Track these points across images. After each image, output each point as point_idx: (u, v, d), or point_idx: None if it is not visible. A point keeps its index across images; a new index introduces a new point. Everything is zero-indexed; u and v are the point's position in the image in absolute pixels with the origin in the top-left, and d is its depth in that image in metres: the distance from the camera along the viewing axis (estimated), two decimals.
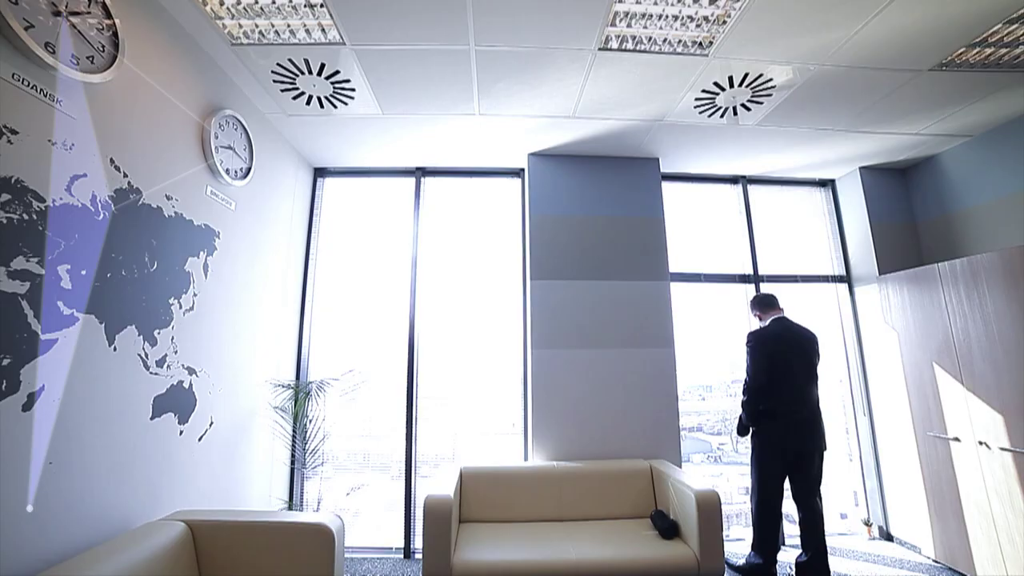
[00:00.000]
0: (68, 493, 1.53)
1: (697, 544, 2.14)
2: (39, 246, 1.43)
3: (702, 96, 2.64)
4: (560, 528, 2.48)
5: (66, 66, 1.49)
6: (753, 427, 2.59)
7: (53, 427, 1.47)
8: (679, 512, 2.38)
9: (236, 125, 2.42)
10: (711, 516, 2.15)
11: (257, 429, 2.66)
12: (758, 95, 2.61)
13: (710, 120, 2.89)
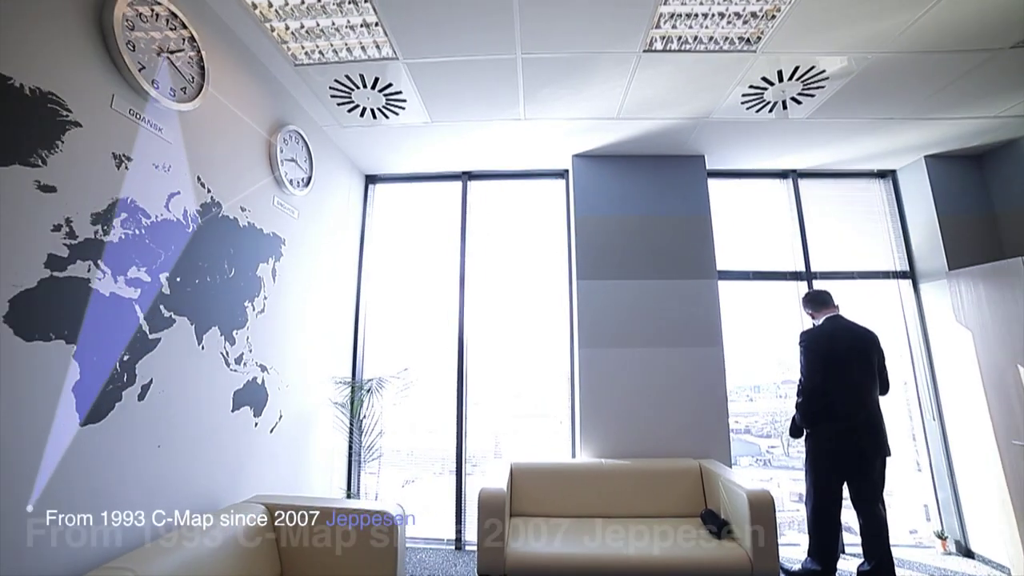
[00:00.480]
0: (172, 473, 1.73)
1: (750, 545, 2.12)
2: (146, 257, 1.63)
3: (749, 92, 2.59)
4: (609, 524, 2.51)
5: (166, 98, 1.68)
6: (808, 429, 2.51)
7: (160, 415, 1.67)
8: (730, 512, 2.36)
9: (298, 139, 2.61)
10: (764, 517, 2.12)
11: (319, 423, 2.85)
12: (809, 88, 2.54)
13: (758, 115, 2.83)
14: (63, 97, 1.37)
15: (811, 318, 2.69)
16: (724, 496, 2.44)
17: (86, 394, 1.42)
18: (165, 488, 1.70)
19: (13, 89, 1.26)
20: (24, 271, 1.27)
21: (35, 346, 1.28)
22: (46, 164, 1.32)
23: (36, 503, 1.28)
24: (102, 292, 1.48)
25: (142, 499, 1.60)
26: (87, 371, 1.42)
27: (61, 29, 1.40)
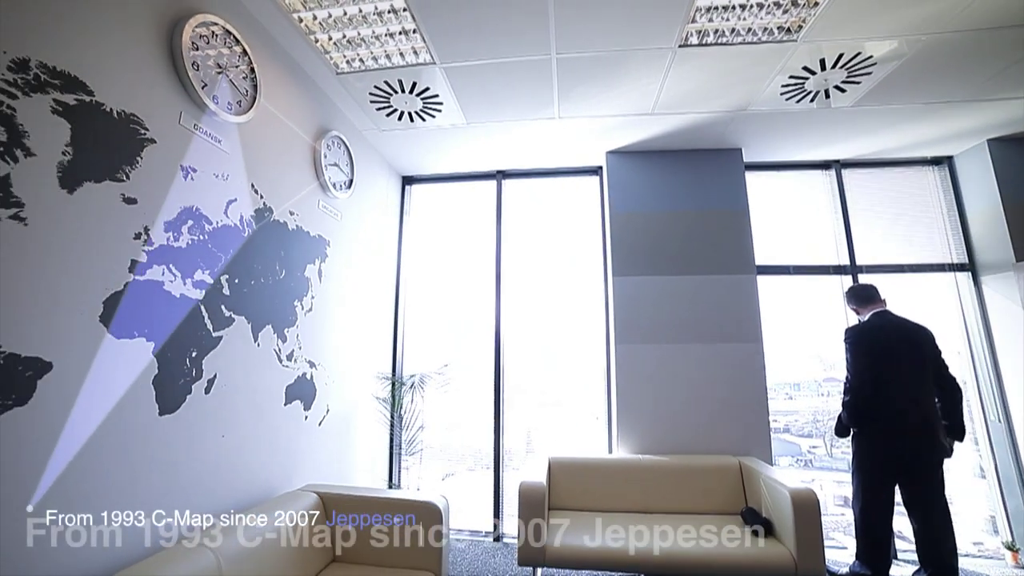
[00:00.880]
0: (235, 462, 1.86)
1: (794, 544, 2.08)
2: (209, 260, 1.75)
3: (789, 82, 2.52)
4: (647, 519, 2.52)
5: (224, 112, 1.80)
6: (855, 428, 2.43)
7: (224, 408, 1.80)
8: (772, 511, 2.32)
9: (340, 144, 2.72)
10: (808, 516, 2.07)
11: (362, 417, 2.97)
12: (854, 75, 2.45)
13: (798, 106, 2.74)
14: (141, 117, 1.50)
15: (856, 314, 2.60)
16: (766, 494, 2.40)
17: (163, 387, 1.55)
18: (229, 475, 1.83)
19: (104, 113, 1.39)
20: (114, 276, 1.40)
21: (123, 343, 1.42)
22: (129, 179, 1.45)
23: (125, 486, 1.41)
24: (174, 294, 1.61)
25: (210, 485, 1.73)
26: (164, 366, 1.55)
27: (141, 55, 1.52)
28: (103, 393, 1.36)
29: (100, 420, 1.35)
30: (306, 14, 2.09)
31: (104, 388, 1.37)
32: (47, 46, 1.27)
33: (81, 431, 1.30)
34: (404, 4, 2.01)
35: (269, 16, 2.06)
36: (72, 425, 1.28)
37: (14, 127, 1.18)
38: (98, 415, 1.35)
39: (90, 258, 1.34)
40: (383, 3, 2.03)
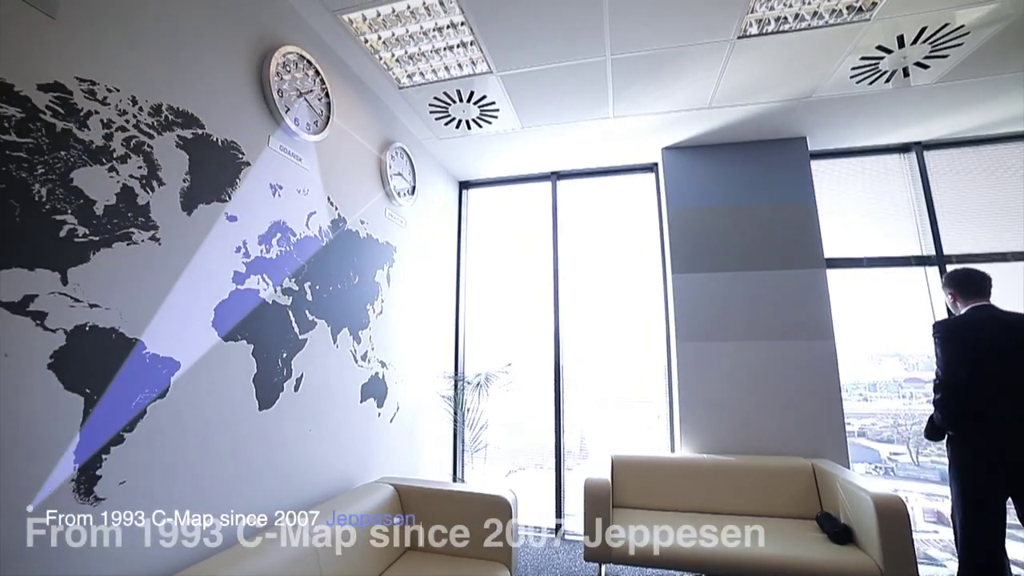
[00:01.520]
0: (319, 453, 2.01)
1: (879, 554, 1.96)
2: (295, 269, 1.91)
3: (860, 64, 2.38)
4: (714, 520, 2.47)
5: (304, 132, 1.96)
6: (951, 431, 2.20)
7: (310, 405, 1.96)
8: (851, 517, 2.21)
9: (402, 154, 2.86)
10: (895, 524, 1.96)
11: (428, 415, 3.10)
12: (940, 48, 2.27)
13: (871, 88, 2.58)
14: (239, 143, 1.67)
15: (951, 300, 2.31)
16: (843, 499, 2.29)
17: (261, 384, 1.72)
18: (316, 465, 1.99)
19: (212, 142, 1.56)
20: (221, 285, 1.57)
21: (230, 345, 1.58)
22: (231, 199, 1.62)
23: (239, 474, 1.58)
24: (267, 300, 1.77)
25: (301, 474, 1.89)
26: (261, 366, 1.72)
27: (237, 88, 1.69)
28: (218, 389, 1.54)
29: (216, 413, 1.52)
30: (371, 35, 2.23)
31: (218, 385, 1.54)
32: (172, 91, 1.45)
33: (203, 422, 1.48)
34: (463, 18, 2.09)
35: (339, 40, 2.21)
36: (195, 417, 1.45)
37: (152, 161, 1.36)
38: (215, 409, 1.52)
39: (204, 271, 1.51)
40: (443, 19, 2.13)
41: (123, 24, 1.33)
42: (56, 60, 1.16)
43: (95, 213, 1.23)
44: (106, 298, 1.24)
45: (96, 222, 1.23)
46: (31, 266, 1.09)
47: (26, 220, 1.09)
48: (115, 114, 1.29)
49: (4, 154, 1.06)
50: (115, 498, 1.24)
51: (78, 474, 1.16)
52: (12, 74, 1.08)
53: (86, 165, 1.22)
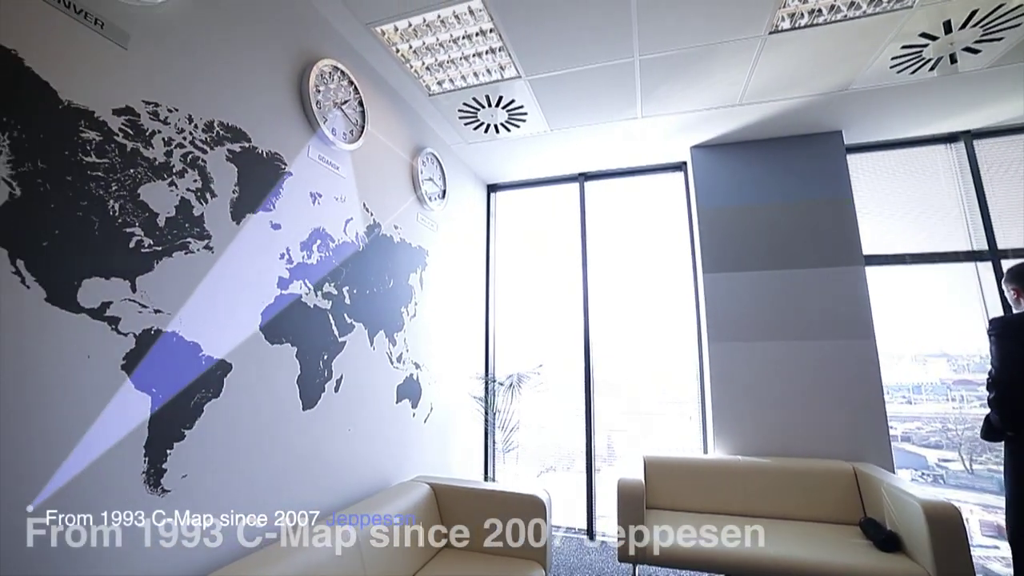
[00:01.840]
0: (358, 452, 2.09)
1: (931, 564, 1.88)
2: (334, 274, 1.99)
3: (901, 54, 2.30)
4: (750, 523, 2.42)
5: (341, 142, 2.03)
6: (1011, 432, 2.03)
7: (349, 405, 2.03)
8: (898, 524, 2.14)
9: (433, 159, 2.93)
10: (948, 533, 1.87)
11: (460, 416, 3.16)
12: (993, 31, 2.16)
13: (913, 77, 2.49)
14: (282, 154, 1.76)
15: (1014, 296, 2.17)
16: (889, 505, 2.21)
17: (304, 385, 1.80)
18: (355, 464, 2.06)
19: (257, 155, 1.65)
20: (267, 291, 1.65)
21: (276, 348, 1.67)
22: (275, 208, 1.70)
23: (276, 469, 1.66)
24: (308, 304, 1.85)
25: (341, 471, 1.97)
26: (304, 367, 1.80)
27: (280, 102, 1.78)
28: (265, 390, 1.62)
29: (264, 413, 1.61)
30: (403, 45, 2.29)
31: (266, 385, 1.62)
32: (222, 108, 1.54)
33: (252, 421, 1.56)
34: (492, 25, 2.13)
35: (372, 52, 2.29)
36: (245, 416, 1.54)
37: (206, 175, 1.45)
38: (263, 408, 1.61)
39: (251, 277, 1.60)
40: (472, 27, 2.17)
41: (183, 50, 1.43)
42: (126, 86, 1.26)
43: (158, 225, 1.32)
44: (168, 304, 1.33)
45: (159, 233, 1.32)
46: (107, 275, 1.19)
47: (103, 233, 1.19)
48: (174, 132, 1.39)
49: (86, 174, 1.15)
50: (179, 491, 1.33)
51: (148, 466, 1.25)
52: (92, 101, 1.18)
53: (150, 180, 1.31)
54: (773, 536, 2.24)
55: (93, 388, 1.14)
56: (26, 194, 1.05)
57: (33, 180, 1.06)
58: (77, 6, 1.16)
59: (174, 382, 1.34)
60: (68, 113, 1.13)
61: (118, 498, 1.18)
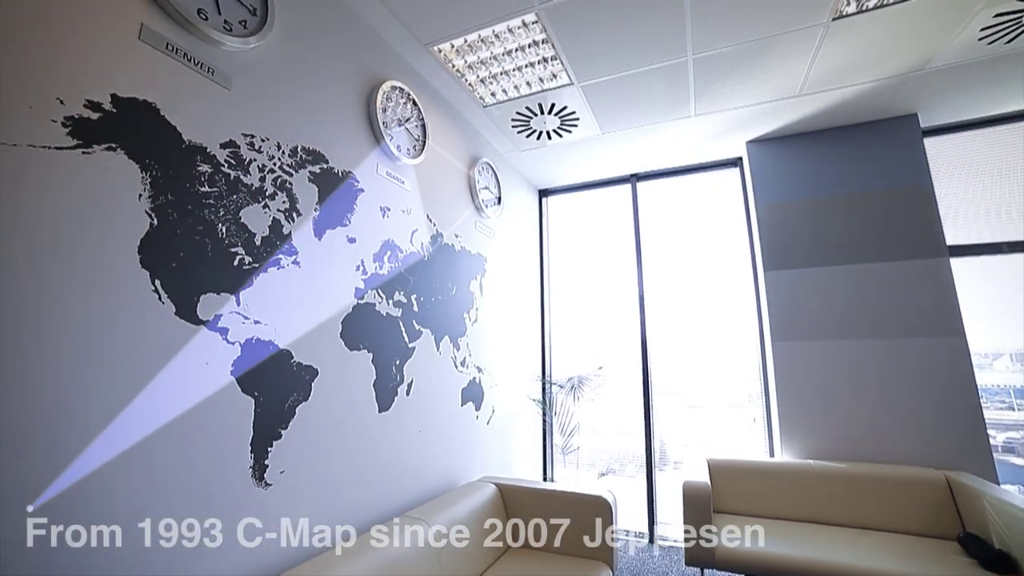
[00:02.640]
0: (428, 453, 2.18)
1: None
2: (403, 283, 2.10)
3: (993, 23, 2.12)
4: (826, 531, 2.32)
5: (405, 157, 2.15)
6: None
7: (419, 408, 2.14)
8: (1010, 543, 1.94)
9: (488, 168, 3.01)
10: None
11: (520, 418, 3.22)
12: None
13: (1008, 47, 2.28)
14: (355, 172, 1.89)
15: None
16: (995, 521, 2.03)
17: (380, 389, 1.91)
18: (426, 464, 2.16)
19: (335, 174, 1.78)
20: (345, 301, 1.78)
21: (354, 354, 1.79)
22: (350, 223, 1.83)
23: (357, 469, 1.77)
24: (381, 312, 1.97)
25: (414, 471, 2.07)
26: (380, 372, 1.91)
27: (351, 124, 1.92)
28: (346, 394, 1.74)
29: (346, 415, 1.73)
30: (458, 61, 2.38)
31: (347, 390, 1.74)
32: (305, 133, 1.68)
33: (336, 423, 1.69)
34: (544, 36, 2.18)
35: (430, 70, 2.40)
36: (330, 418, 1.66)
37: (292, 196, 1.59)
38: (345, 411, 1.73)
39: (332, 288, 1.73)
40: (525, 39, 2.23)
41: (272, 84, 1.58)
42: (230, 121, 1.41)
43: (255, 244, 1.47)
44: (265, 315, 1.47)
45: (256, 251, 1.47)
46: (218, 291, 1.33)
47: (214, 253, 1.33)
48: (267, 159, 1.53)
49: (201, 202, 1.30)
50: (278, 485, 1.46)
51: (253, 462, 1.39)
52: (205, 137, 1.33)
53: (249, 204, 1.45)
54: (857, 546, 2.13)
55: (212, 393, 1.28)
56: (161, 223, 1.20)
57: (165, 211, 1.21)
58: (195, 59, 1.32)
59: (272, 386, 1.47)
60: (189, 150, 1.29)
61: (230, 491, 1.32)
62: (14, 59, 0.99)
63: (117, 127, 1.14)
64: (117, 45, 1.16)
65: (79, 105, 1.07)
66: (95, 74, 1.11)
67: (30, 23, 1.02)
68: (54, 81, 1.04)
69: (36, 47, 1.02)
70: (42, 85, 1.02)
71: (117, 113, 1.14)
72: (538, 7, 2.00)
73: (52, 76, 1.04)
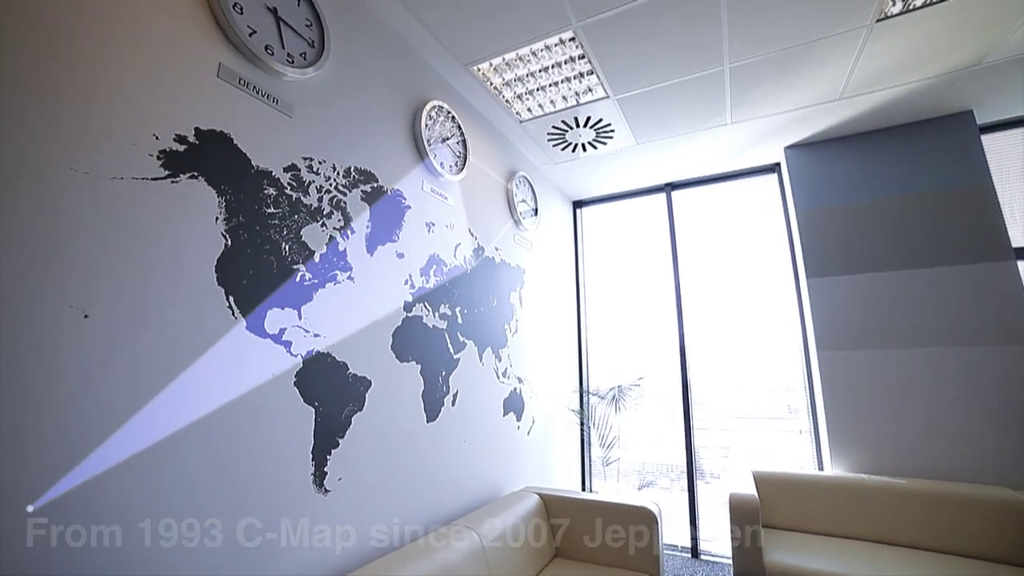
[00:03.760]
0: (472, 462, 2.22)
1: None
2: (447, 296, 2.16)
3: None
4: (886, 552, 2.21)
5: (448, 173, 2.22)
6: None
7: (464, 418, 2.18)
8: None
9: (524, 182, 3.07)
10: None
11: (559, 429, 3.22)
12: None
13: None
14: (402, 190, 1.97)
15: None
16: None
17: (427, 400, 1.96)
18: (470, 474, 2.20)
19: (384, 192, 1.87)
20: (395, 314, 1.85)
21: (404, 366, 1.85)
22: (399, 239, 1.91)
23: (408, 476, 1.82)
24: (428, 325, 2.03)
25: (459, 480, 2.10)
26: (427, 383, 1.97)
27: (398, 143, 2.00)
28: (397, 404, 1.80)
29: (397, 425, 1.79)
30: (496, 79, 2.46)
31: (397, 400, 1.80)
32: (357, 155, 1.77)
33: (388, 432, 1.74)
34: (582, 51, 2.23)
35: (469, 88, 2.48)
36: (383, 428, 1.72)
37: (346, 214, 1.68)
38: (396, 421, 1.79)
39: (383, 302, 1.80)
40: (561, 55, 2.28)
41: (328, 109, 1.68)
42: (291, 146, 1.51)
43: (315, 261, 1.55)
44: (323, 329, 1.55)
45: (315, 268, 1.55)
46: (282, 306, 1.42)
47: (279, 271, 1.42)
48: (323, 180, 1.62)
49: (267, 223, 1.40)
50: (336, 492, 1.52)
51: (315, 469, 1.46)
52: (270, 162, 1.43)
53: (308, 224, 1.54)
54: (916, 568, 2.02)
55: (277, 403, 1.36)
56: (234, 244, 1.29)
57: (237, 232, 1.31)
58: (263, 91, 1.43)
59: (330, 396, 1.54)
60: (257, 175, 1.39)
61: (294, 496, 1.39)
62: (124, 103, 1.10)
63: (199, 157, 1.24)
64: (200, 83, 1.27)
65: (170, 139, 1.18)
66: (183, 111, 1.22)
67: (133, 73, 1.13)
68: (151, 119, 1.15)
69: (138, 91, 1.14)
70: (142, 123, 1.13)
71: (199, 145, 1.25)
72: (576, 25, 2.04)
73: (150, 115, 1.15)
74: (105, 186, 1.06)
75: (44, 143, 0.98)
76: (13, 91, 0.94)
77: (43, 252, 0.95)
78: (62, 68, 1.02)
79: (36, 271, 0.94)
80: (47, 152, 0.98)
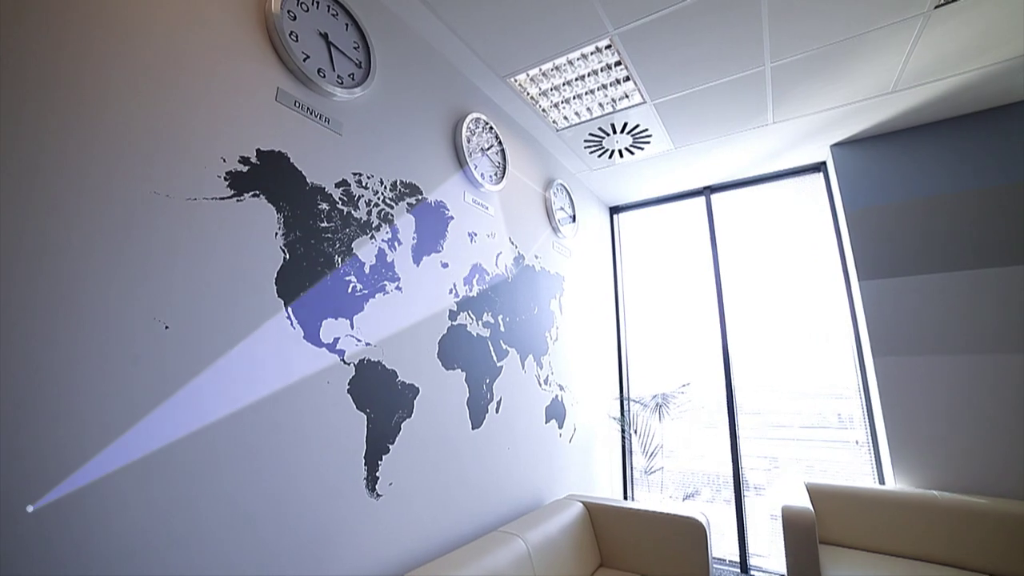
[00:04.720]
0: (515, 470, 2.22)
1: None
2: (490, 304, 2.19)
3: None
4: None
5: (488, 184, 2.26)
6: None
7: (507, 425, 2.19)
8: None
9: (562, 189, 3.07)
10: None
11: (600, 436, 3.18)
12: None
13: None
14: (445, 202, 2.01)
15: None
16: None
17: (472, 407, 1.99)
18: (514, 481, 2.20)
19: (428, 205, 1.92)
20: (441, 323, 1.88)
21: (449, 373, 1.88)
22: (443, 249, 1.95)
23: (455, 482, 1.84)
24: (472, 333, 2.06)
25: (503, 487, 2.11)
26: (472, 391, 1.99)
27: (441, 156, 2.06)
28: (444, 411, 1.83)
29: (444, 432, 1.82)
30: (533, 89, 2.48)
31: (444, 407, 1.83)
32: (402, 168, 1.83)
33: (435, 439, 1.77)
34: (618, 58, 2.23)
35: (507, 99, 2.52)
36: (430, 435, 1.75)
37: (394, 226, 1.73)
38: (443, 428, 1.81)
39: (430, 311, 1.84)
40: (598, 63, 2.29)
41: (375, 126, 1.74)
42: (342, 163, 1.58)
43: (365, 272, 1.61)
44: (374, 337, 1.60)
45: (366, 279, 1.60)
46: (336, 316, 1.48)
47: (332, 282, 1.48)
48: (372, 194, 1.68)
49: (321, 236, 1.46)
50: (388, 496, 1.55)
51: (367, 474, 1.50)
52: (323, 179, 1.50)
53: (359, 236, 1.60)
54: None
55: (332, 408, 1.41)
56: (291, 258, 1.36)
57: (294, 246, 1.38)
58: (315, 111, 1.51)
59: (381, 403, 1.59)
60: (311, 191, 1.46)
61: (348, 500, 1.43)
62: (196, 129, 1.19)
63: (259, 177, 1.32)
64: (261, 107, 1.35)
65: (235, 161, 1.26)
66: (246, 134, 1.30)
67: (204, 102, 1.22)
68: (219, 143, 1.23)
69: (208, 119, 1.22)
70: (212, 147, 1.22)
71: (260, 165, 1.32)
72: (612, 32, 2.05)
73: (217, 139, 1.23)
74: (181, 207, 1.14)
75: (131, 168, 1.06)
76: (113, 127, 1.03)
77: (127, 268, 1.03)
78: (147, 102, 1.11)
79: (120, 285, 1.02)
80: (132, 177, 1.06)
